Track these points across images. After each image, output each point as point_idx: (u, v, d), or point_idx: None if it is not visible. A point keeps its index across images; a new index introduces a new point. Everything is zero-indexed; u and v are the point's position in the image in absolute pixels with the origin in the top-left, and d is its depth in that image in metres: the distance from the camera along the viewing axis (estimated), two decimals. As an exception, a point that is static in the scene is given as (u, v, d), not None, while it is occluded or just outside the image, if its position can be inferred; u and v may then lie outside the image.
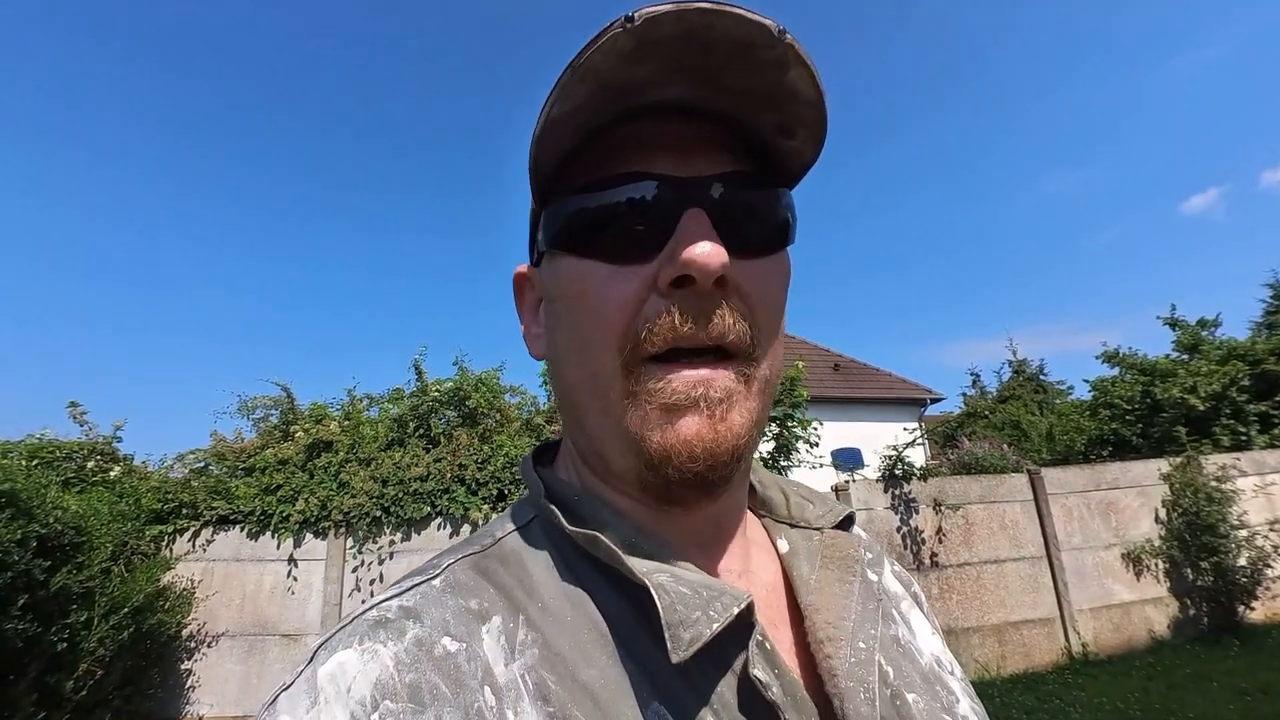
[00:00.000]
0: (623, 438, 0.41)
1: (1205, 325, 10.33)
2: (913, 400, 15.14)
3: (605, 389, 0.41)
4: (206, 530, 5.24)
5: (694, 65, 0.37)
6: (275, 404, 6.23)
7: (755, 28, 0.35)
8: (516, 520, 0.46)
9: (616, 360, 0.40)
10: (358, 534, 5.29)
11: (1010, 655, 5.58)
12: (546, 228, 0.44)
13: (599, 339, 0.41)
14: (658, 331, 0.39)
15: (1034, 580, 5.84)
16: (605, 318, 0.40)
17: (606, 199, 0.41)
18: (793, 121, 0.41)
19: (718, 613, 0.36)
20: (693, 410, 0.39)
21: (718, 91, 0.40)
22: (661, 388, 0.39)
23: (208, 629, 5.01)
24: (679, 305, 0.39)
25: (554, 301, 0.45)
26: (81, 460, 5.22)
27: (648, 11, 0.34)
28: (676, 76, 0.38)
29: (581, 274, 0.42)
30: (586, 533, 0.41)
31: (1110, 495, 6.28)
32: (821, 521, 0.52)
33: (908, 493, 5.86)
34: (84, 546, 3.82)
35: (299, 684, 0.35)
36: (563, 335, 0.44)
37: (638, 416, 0.40)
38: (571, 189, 0.42)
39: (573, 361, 0.43)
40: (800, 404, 6.00)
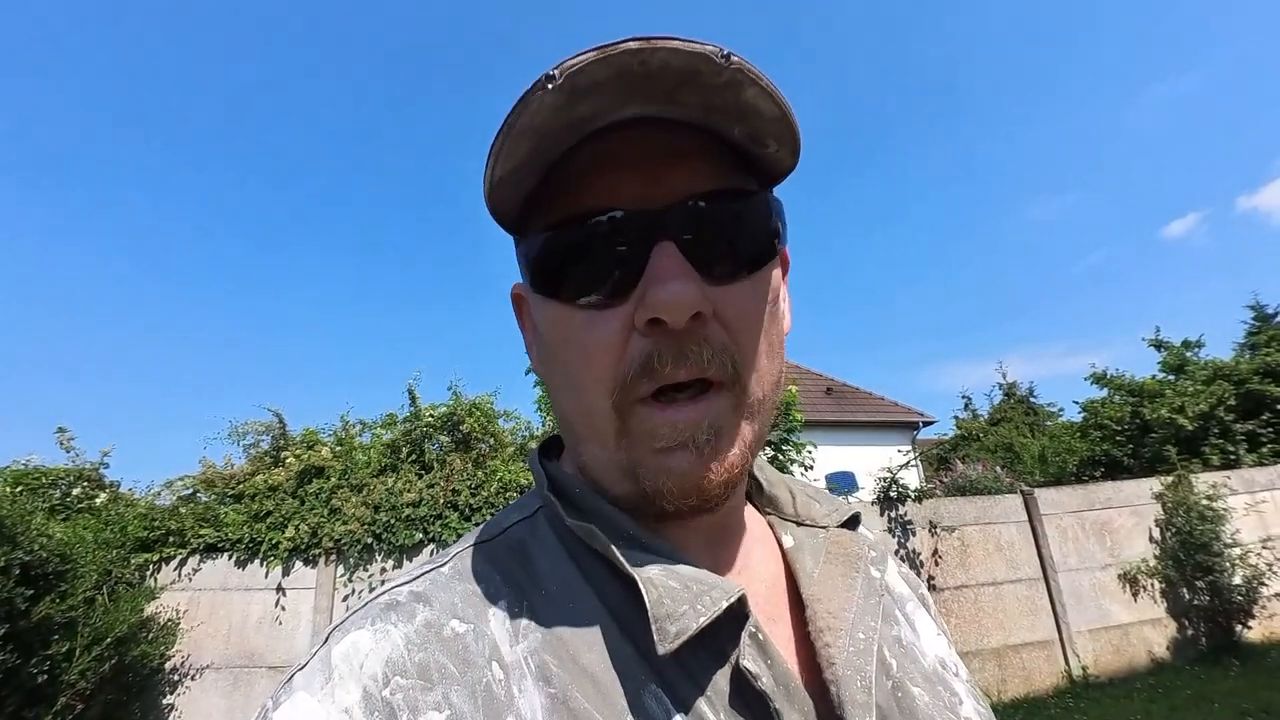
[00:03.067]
0: (619, 468, 0.42)
1: (1189, 346, 10.50)
2: (905, 424, 15.19)
3: (600, 427, 0.42)
4: (193, 558, 5.13)
5: (641, 92, 0.37)
6: (267, 429, 6.17)
7: (697, 58, 0.35)
8: (523, 511, 0.48)
9: (607, 401, 0.41)
10: (348, 561, 5.20)
11: (1010, 679, 5.52)
12: (522, 268, 0.45)
13: (589, 383, 0.41)
14: (642, 373, 0.39)
15: (1031, 602, 5.81)
16: (593, 362, 0.41)
17: (573, 239, 0.40)
18: (762, 134, 0.41)
19: (706, 606, 0.37)
20: (682, 450, 0.40)
21: (678, 106, 0.39)
22: (651, 431, 0.40)
23: (192, 661, 4.87)
24: (656, 346, 0.39)
25: (542, 338, 0.46)
26: (67, 487, 5.14)
27: (570, 64, 0.34)
28: (626, 101, 0.37)
29: (563, 319, 0.42)
30: (584, 525, 0.42)
31: (1104, 515, 6.29)
32: (827, 520, 0.53)
33: (903, 515, 5.85)
34: (68, 575, 3.73)
35: (314, 663, 0.37)
36: (555, 373, 0.45)
37: (632, 456, 0.41)
38: (541, 224, 0.42)
39: (568, 397, 0.44)
40: (795, 428, 6.02)
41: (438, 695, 0.35)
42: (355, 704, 0.34)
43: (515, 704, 0.36)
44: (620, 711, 0.36)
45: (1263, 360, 8.98)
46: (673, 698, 0.37)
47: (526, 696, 0.36)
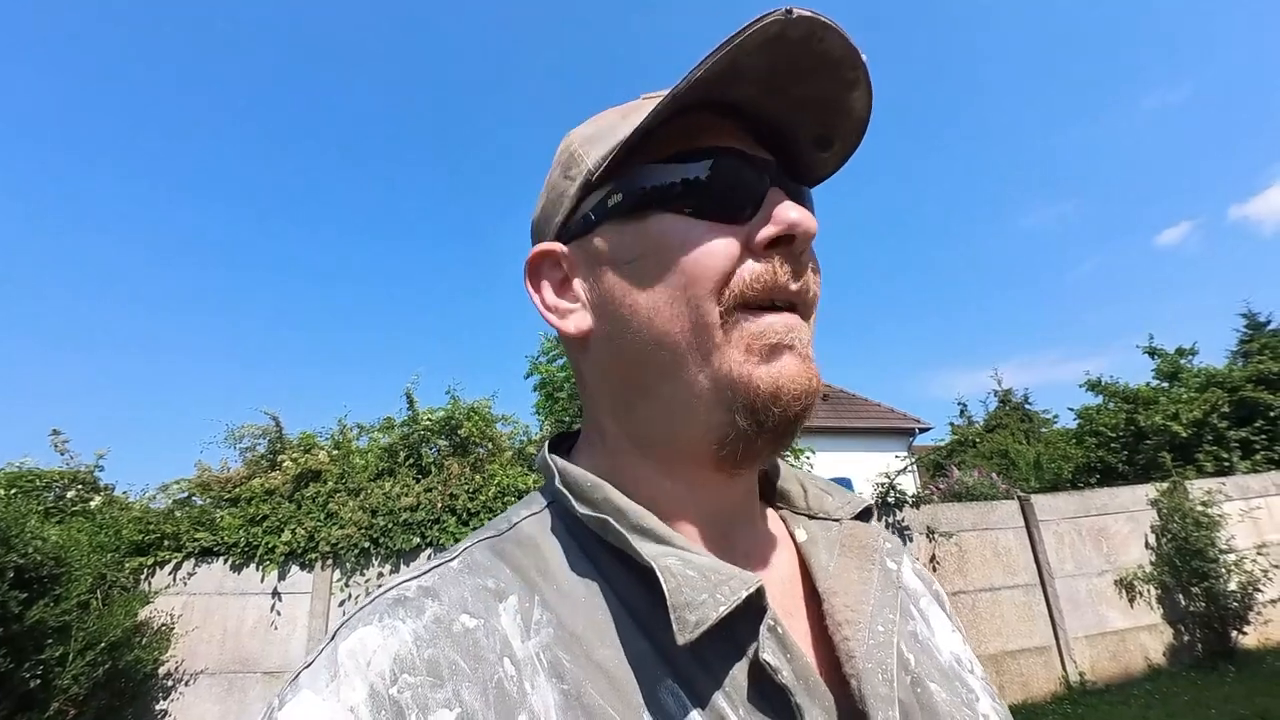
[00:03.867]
0: (716, 388, 0.42)
1: (1183, 354, 10.58)
2: (901, 430, 15.24)
3: (705, 337, 0.42)
4: (188, 563, 5.09)
5: (779, 68, 0.41)
6: (263, 433, 6.12)
7: (850, 50, 0.40)
8: (533, 506, 0.48)
9: (718, 308, 0.41)
10: (345, 566, 5.17)
11: (1008, 685, 5.52)
12: (632, 189, 0.44)
13: (700, 289, 0.42)
14: (758, 283, 0.42)
15: (1028, 608, 5.82)
16: (708, 268, 0.42)
17: (704, 166, 0.43)
18: (834, 135, 0.46)
19: (725, 596, 0.36)
20: (790, 351, 0.42)
21: (779, 97, 0.44)
22: (763, 329, 0.42)
23: (186, 666, 4.82)
24: (775, 261, 0.42)
25: (633, 261, 0.44)
26: (61, 490, 5.10)
27: (799, 10, 0.37)
28: (759, 75, 0.41)
29: (681, 229, 0.43)
30: (597, 516, 0.42)
31: (1100, 521, 6.31)
32: (840, 513, 0.53)
33: (901, 520, 5.85)
34: (63, 578, 3.70)
35: (320, 660, 0.36)
36: (647, 293, 0.43)
37: (739, 358, 0.41)
38: (659, 157, 0.44)
39: (663, 315, 0.43)
40: (792, 431, 6.03)
41: (448, 692, 0.34)
42: (361, 702, 0.33)
43: (528, 701, 0.35)
44: (636, 708, 0.36)
45: (1255, 368, 9.05)
46: (690, 693, 0.37)
47: (539, 693, 0.36)
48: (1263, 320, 11.65)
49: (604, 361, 0.47)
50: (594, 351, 0.48)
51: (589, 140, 0.47)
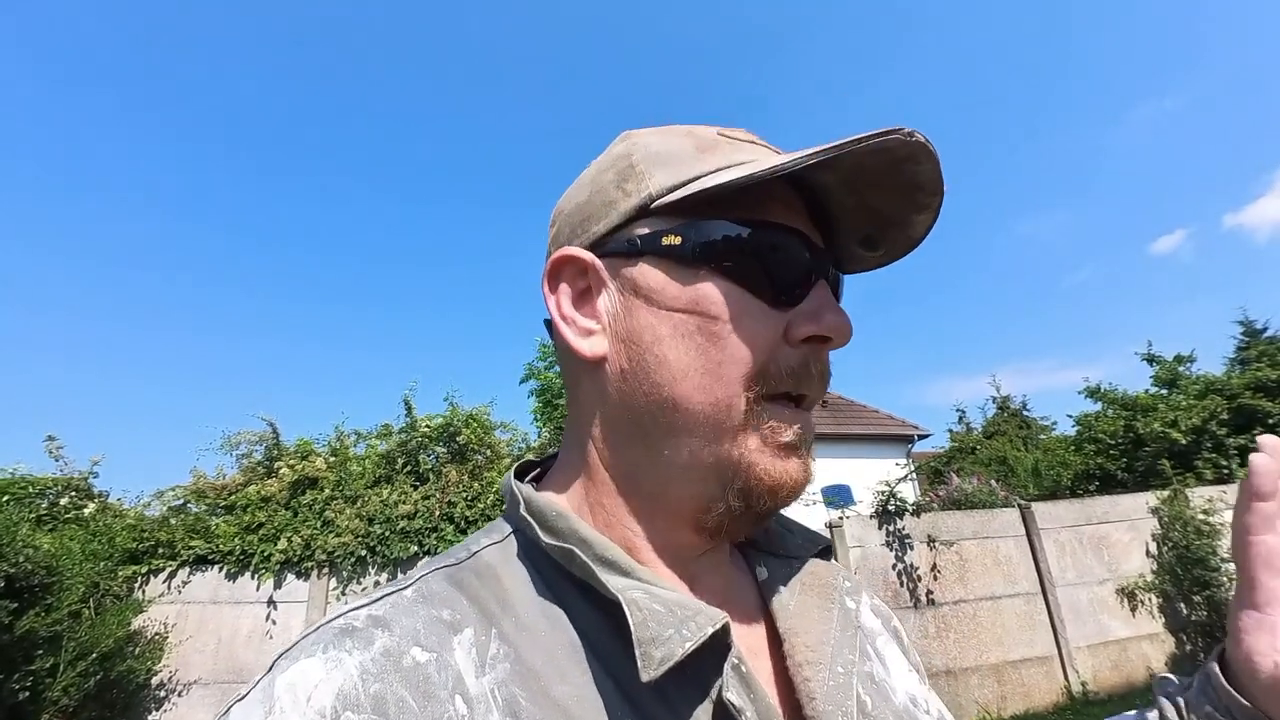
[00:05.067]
0: (721, 467, 0.42)
1: (1181, 361, 10.59)
2: (900, 437, 15.21)
3: (725, 418, 0.41)
4: (183, 571, 5.04)
5: (870, 172, 0.42)
6: (260, 440, 6.09)
7: (937, 181, 0.42)
8: (494, 535, 0.46)
9: (746, 393, 0.41)
10: (342, 574, 5.12)
11: (1010, 696, 5.47)
12: (694, 238, 0.42)
13: (736, 371, 0.41)
14: (792, 378, 0.42)
15: (1030, 617, 5.78)
16: (750, 355, 0.41)
17: (771, 242, 0.43)
18: (885, 243, 0.48)
19: (691, 632, 0.36)
20: (797, 453, 0.43)
21: (854, 197, 0.45)
22: (780, 428, 0.42)
23: (179, 676, 4.76)
24: (809, 358, 0.43)
25: (675, 313, 0.42)
26: (55, 497, 5.04)
27: (918, 136, 0.39)
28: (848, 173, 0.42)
29: (735, 303, 0.42)
30: (562, 546, 0.40)
31: (1101, 529, 6.29)
32: (801, 551, 0.52)
33: (901, 529, 5.82)
34: (54, 588, 3.65)
35: (255, 694, 0.33)
36: (681, 352, 0.42)
37: (749, 451, 0.41)
38: (729, 216, 0.43)
39: (691, 382, 0.41)
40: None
41: None
42: None
43: None
44: None
45: (1254, 375, 9.05)
46: None
47: None
48: (1259, 327, 11.69)
49: (611, 394, 0.45)
50: (603, 380, 0.45)
51: (655, 160, 0.45)
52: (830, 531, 5.69)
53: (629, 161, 0.46)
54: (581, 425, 0.47)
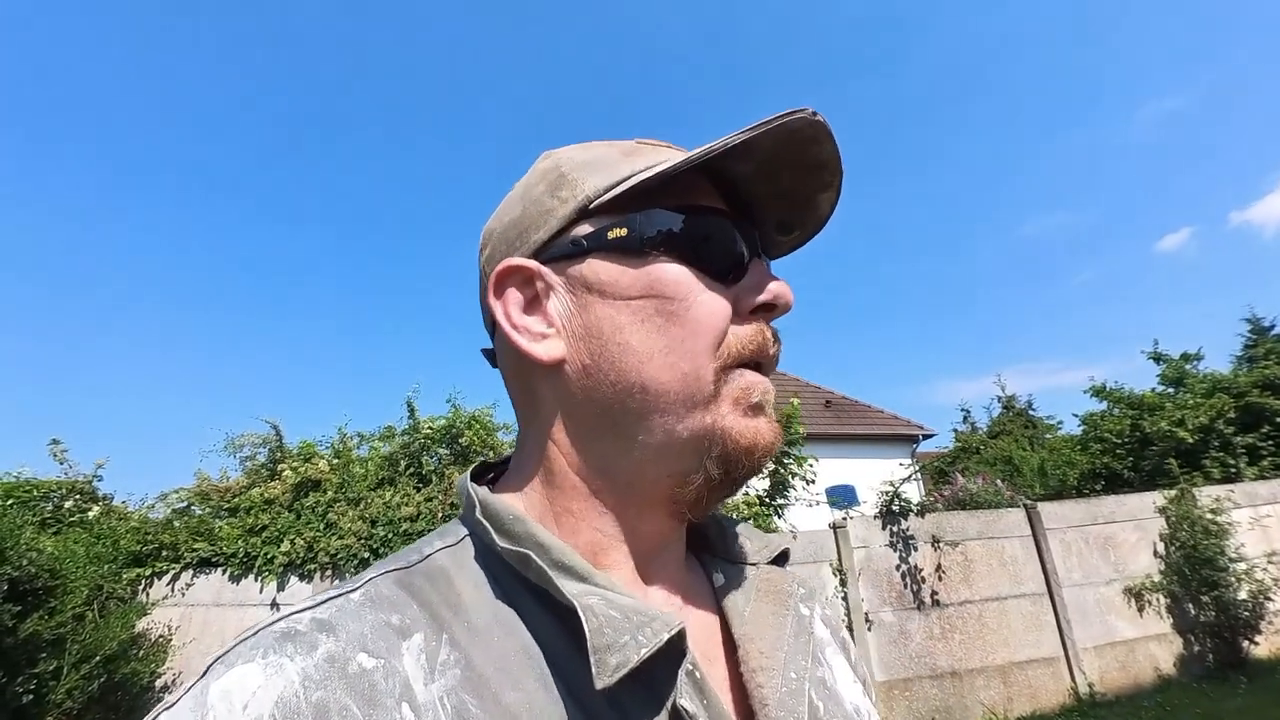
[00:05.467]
0: (697, 438, 0.43)
1: (1188, 359, 10.52)
2: (905, 436, 15.16)
3: (695, 390, 0.43)
4: (186, 573, 5.05)
5: (782, 158, 0.45)
6: (263, 442, 6.10)
7: (836, 159, 0.45)
8: (447, 537, 0.45)
9: (714, 363, 0.43)
10: (345, 577, 5.12)
11: (1016, 697, 5.43)
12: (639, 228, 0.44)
13: (699, 344, 0.43)
14: (752, 344, 0.45)
15: (1036, 618, 5.74)
16: (710, 324, 0.44)
17: (708, 224, 0.46)
18: (797, 224, 0.51)
19: (647, 638, 0.35)
20: (763, 413, 0.45)
21: (766, 182, 0.48)
22: (749, 388, 0.44)
23: (183, 679, 4.74)
24: (762, 327, 0.46)
25: (632, 300, 0.44)
26: (59, 500, 5.06)
27: (819, 117, 0.42)
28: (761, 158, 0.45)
29: (686, 279, 0.44)
30: (518, 550, 0.40)
31: (1108, 530, 6.24)
32: (757, 557, 0.53)
33: (906, 529, 5.79)
34: (58, 591, 3.66)
35: (185, 701, 0.32)
36: (643, 335, 0.43)
37: (722, 416, 0.43)
38: (668, 205, 0.45)
39: (656, 363, 0.43)
40: (796, 441, 5.98)
41: None
42: None
43: None
44: None
45: (1261, 373, 8.98)
46: None
47: None
48: (1267, 325, 11.61)
49: (574, 393, 0.45)
50: (563, 381, 0.45)
51: (584, 166, 0.47)
52: (834, 533, 5.67)
53: (559, 172, 0.47)
54: (540, 431, 0.47)
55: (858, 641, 5.27)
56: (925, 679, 5.36)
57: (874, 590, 5.56)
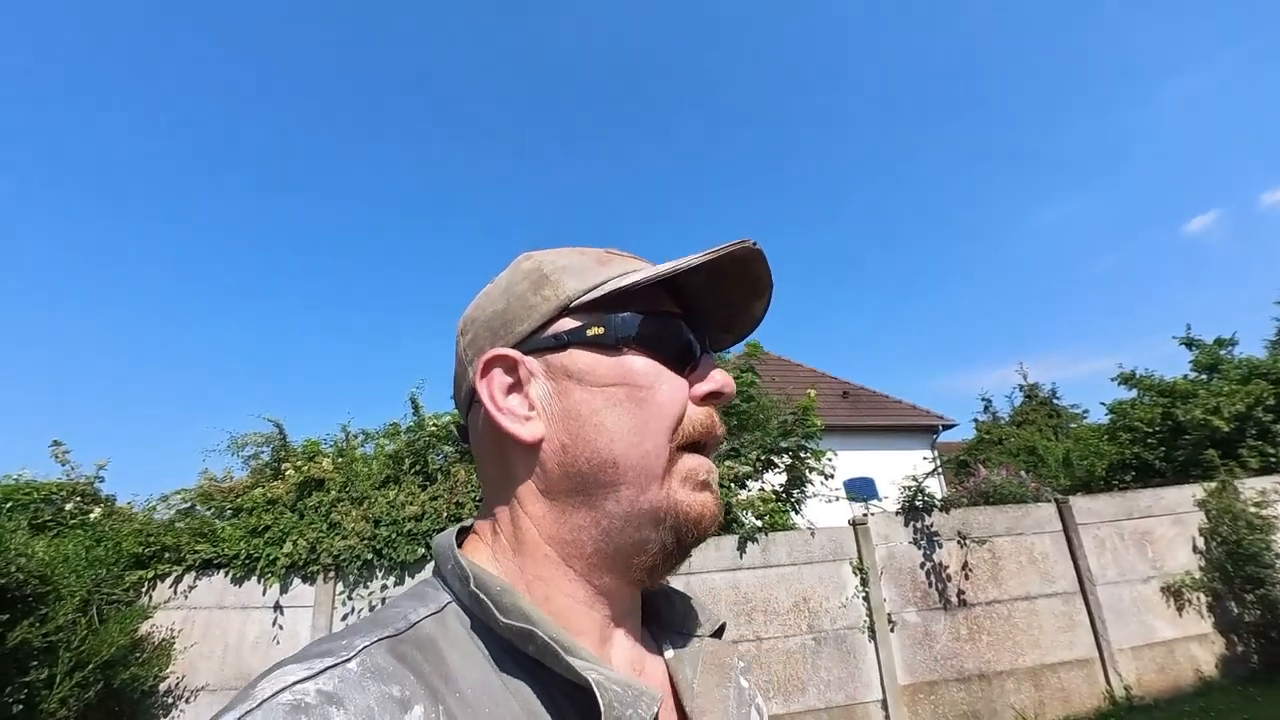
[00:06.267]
0: (654, 510, 0.49)
1: (1223, 344, 10.06)
2: (925, 427, 14.83)
3: (654, 466, 0.48)
4: (189, 575, 4.94)
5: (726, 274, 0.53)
6: (267, 441, 5.98)
7: (769, 277, 0.54)
8: (429, 603, 0.46)
9: (669, 444, 0.49)
10: (348, 578, 4.99)
11: (1048, 701, 5.18)
12: (614, 328, 0.51)
13: (661, 425, 0.49)
14: (702, 427, 0.51)
15: (1068, 618, 5.47)
16: (669, 410, 0.50)
17: (668, 326, 0.53)
18: (734, 327, 0.59)
19: (642, 712, 0.39)
20: (708, 489, 0.52)
21: (711, 292, 0.55)
22: (696, 469, 0.51)
23: (186, 683, 4.67)
24: (712, 414, 0.53)
25: (606, 387, 0.50)
26: (61, 502, 4.97)
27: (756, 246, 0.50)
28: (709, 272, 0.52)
29: (654, 370, 0.51)
30: (521, 627, 0.42)
31: (1144, 524, 5.94)
32: (701, 630, 0.59)
33: (930, 525, 5.54)
34: (49, 597, 3.55)
35: None
36: (616, 417, 0.49)
37: (674, 490, 0.49)
38: (636, 309, 0.52)
39: (625, 441, 0.48)
40: (814, 433, 5.75)
41: None
42: None
43: None
44: None
45: (1301, 358, 8.55)
46: None
47: None
48: (1304, 308, 11.09)
49: (551, 469, 0.50)
50: (540, 458, 0.50)
51: (563, 270, 0.52)
52: (854, 530, 5.43)
53: (541, 273, 0.53)
54: (512, 503, 0.51)
55: (880, 643, 5.06)
56: (951, 682, 5.13)
57: (897, 589, 5.32)
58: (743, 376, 7.29)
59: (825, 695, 4.94)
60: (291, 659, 0.38)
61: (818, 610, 5.15)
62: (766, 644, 4.99)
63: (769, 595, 5.14)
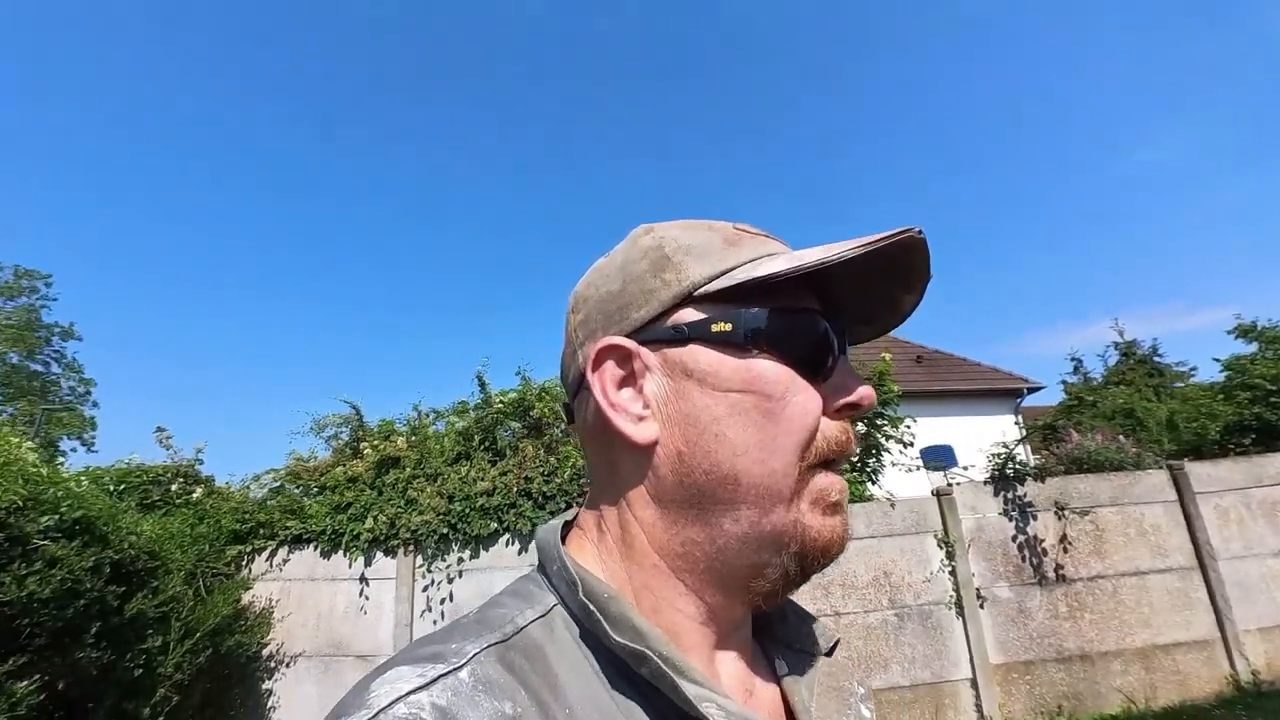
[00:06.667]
0: (777, 534, 0.44)
1: (1368, 289, 8.86)
2: (1007, 391, 13.96)
3: (781, 487, 0.44)
4: (282, 550, 5.24)
5: (876, 265, 0.45)
6: (345, 422, 6.23)
7: (927, 267, 0.46)
8: (536, 606, 0.44)
9: (800, 462, 0.44)
10: (426, 552, 5.16)
11: (1161, 685, 4.77)
12: (743, 325, 0.45)
13: (791, 442, 0.44)
14: (837, 445, 0.46)
15: (1185, 595, 5.00)
16: (803, 425, 0.44)
17: (806, 325, 0.46)
18: (877, 320, 0.53)
19: None
20: (839, 512, 0.46)
21: (858, 287, 0.49)
22: (828, 489, 0.45)
23: (285, 649, 4.99)
24: (847, 427, 0.47)
25: (731, 393, 0.45)
26: (166, 483, 5.35)
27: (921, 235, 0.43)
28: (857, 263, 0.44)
29: (785, 379, 0.45)
30: (634, 648, 0.39)
31: (1275, 492, 5.32)
32: (814, 646, 0.54)
33: (1022, 495, 5.16)
34: (158, 571, 3.81)
35: None
36: (740, 429, 0.44)
37: (803, 515, 0.44)
38: (766, 302, 0.46)
39: (750, 457, 0.44)
40: (890, 400, 5.43)
41: None
42: None
43: None
44: None
45: None
46: None
47: None
48: None
49: (663, 475, 0.46)
50: (653, 462, 0.46)
51: (688, 252, 0.47)
52: (939, 500, 5.13)
53: (663, 253, 0.48)
54: (620, 502, 0.48)
55: (969, 620, 4.79)
56: (1050, 662, 4.80)
57: (986, 563, 5.00)
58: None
59: (910, 672, 4.73)
60: (404, 657, 0.38)
61: (899, 584, 4.92)
62: (845, 619, 4.82)
63: (846, 569, 4.94)
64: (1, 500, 2.94)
